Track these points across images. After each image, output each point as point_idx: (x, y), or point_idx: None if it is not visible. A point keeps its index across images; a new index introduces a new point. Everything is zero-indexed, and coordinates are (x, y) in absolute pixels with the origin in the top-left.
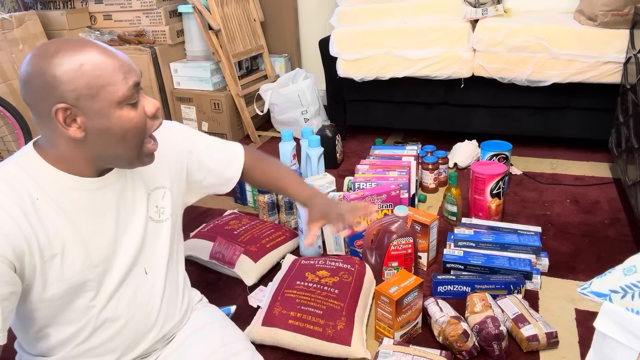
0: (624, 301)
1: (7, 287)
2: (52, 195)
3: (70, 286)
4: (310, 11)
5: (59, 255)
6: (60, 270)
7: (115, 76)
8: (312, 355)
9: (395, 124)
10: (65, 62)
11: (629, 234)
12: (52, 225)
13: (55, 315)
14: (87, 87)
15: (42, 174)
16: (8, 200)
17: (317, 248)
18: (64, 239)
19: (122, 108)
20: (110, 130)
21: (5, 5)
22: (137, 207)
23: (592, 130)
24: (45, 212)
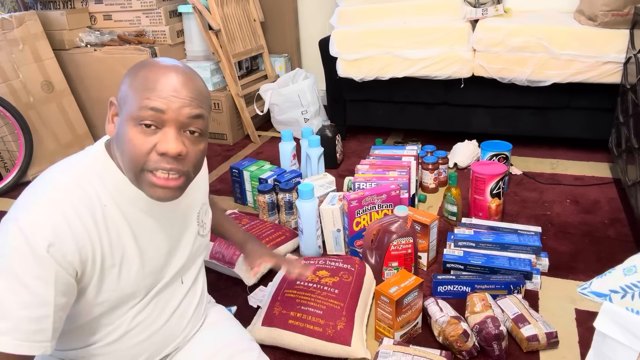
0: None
1: (64, 298)
2: (118, 203)
3: (121, 295)
4: (310, 11)
5: (118, 265)
6: (116, 280)
7: (143, 95)
8: (312, 355)
9: (395, 124)
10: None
11: (629, 234)
12: (116, 234)
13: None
14: (125, 91)
15: (111, 180)
16: (80, 204)
17: (317, 248)
18: (124, 249)
19: (134, 126)
20: (119, 140)
21: (5, 5)
22: (190, 222)
23: (592, 130)
24: (112, 220)
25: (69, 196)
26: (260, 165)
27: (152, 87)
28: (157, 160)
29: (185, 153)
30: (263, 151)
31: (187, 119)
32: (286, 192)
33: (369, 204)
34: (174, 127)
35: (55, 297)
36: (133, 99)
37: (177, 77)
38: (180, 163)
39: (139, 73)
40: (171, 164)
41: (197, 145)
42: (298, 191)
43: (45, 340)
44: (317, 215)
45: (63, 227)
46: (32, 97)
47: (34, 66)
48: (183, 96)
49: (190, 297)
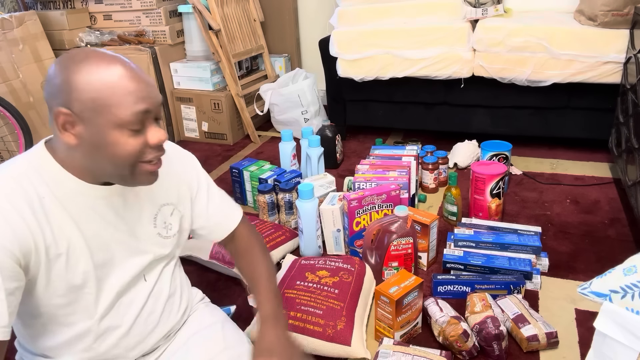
0: (624, 301)
1: (12, 282)
2: (58, 196)
3: (71, 286)
4: (310, 11)
5: (64, 254)
6: (64, 269)
7: (125, 99)
8: (312, 355)
9: (395, 124)
10: (84, 72)
11: (629, 234)
12: (58, 224)
13: (56, 314)
14: (93, 102)
15: (51, 174)
16: (16, 197)
17: (317, 248)
18: (69, 239)
19: (121, 131)
20: (102, 148)
21: (5, 5)
22: (144, 220)
23: (592, 130)
24: (52, 211)
25: (2, 189)
26: (260, 165)
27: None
28: (151, 153)
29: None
30: (263, 151)
31: (159, 107)
32: (286, 192)
33: (369, 204)
34: (153, 119)
35: (4, 281)
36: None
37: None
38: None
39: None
40: (161, 150)
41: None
42: (298, 191)
43: (2, 326)
44: (317, 215)
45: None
46: (32, 97)
47: (34, 66)
48: (151, 87)
49: (161, 295)
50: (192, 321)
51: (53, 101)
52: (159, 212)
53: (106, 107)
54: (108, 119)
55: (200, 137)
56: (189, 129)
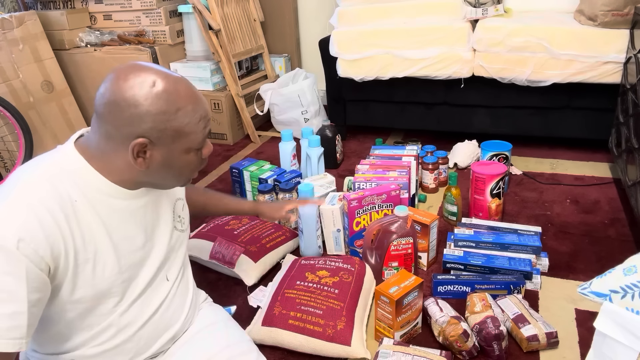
0: (624, 301)
1: (36, 294)
2: (90, 199)
3: (97, 291)
4: (310, 11)
5: (92, 259)
6: (91, 275)
7: (199, 125)
8: (312, 355)
9: (395, 124)
10: (162, 103)
11: (629, 234)
12: (88, 229)
13: (78, 319)
14: (174, 131)
15: (83, 176)
16: (51, 200)
17: (317, 248)
18: (97, 244)
19: (192, 153)
20: (171, 168)
21: (5, 5)
22: (165, 217)
23: (592, 130)
24: (83, 215)
25: (37, 191)
26: (260, 165)
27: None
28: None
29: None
30: (263, 151)
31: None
32: (286, 192)
33: (369, 204)
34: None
35: (28, 293)
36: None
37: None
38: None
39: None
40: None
41: None
42: (298, 191)
43: (20, 337)
44: (317, 215)
45: (32, 222)
46: (32, 97)
47: (34, 66)
48: (207, 105)
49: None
50: (195, 320)
51: (123, 128)
52: (175, 205)
53: (185, 135)
54: (185, 144)
55: None
56: None
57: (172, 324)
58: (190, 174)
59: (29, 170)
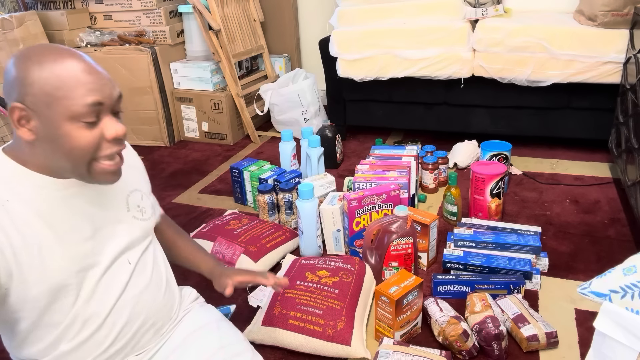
0: (624, 301)
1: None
2: (24, 196)
3: (52, 285)
4: (310, 11)
5: (37, 255)
6: (41, 270)
7: (76, 91)
8: (312, 355)
9: (395, 124)
10: (36, 67)
11: (629, 234)
12: (26, 226)
13: (40, 317)
14: (45, 95)
15: (12, 176)
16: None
17: (317, 248)
18: (40, 239)
19: (74, 124)
20: (57, 142)
21: (5, 5)
22: (117, 207)
23: (592, 130)
24: (18, 214)
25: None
26: (260, 165)
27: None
28: (110, 147)
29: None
30: (263, 151)
31: (116, 100)
32: (286, 192)
33: (369, 204)
34: (109, 113)
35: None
36: (63, 100)
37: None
38: (121, 142)
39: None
40: (119, 145)
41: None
42: (298, 191)
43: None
44: (317, 215)
45: None
46: None
47: None
48: (106, 80)
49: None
50: (187, 321)
51: (9, 98)
52: (129, 196)
53: (57, 99)
54: (60, 111)
55: (200, 137)
56: (189, 129)
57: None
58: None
59: None
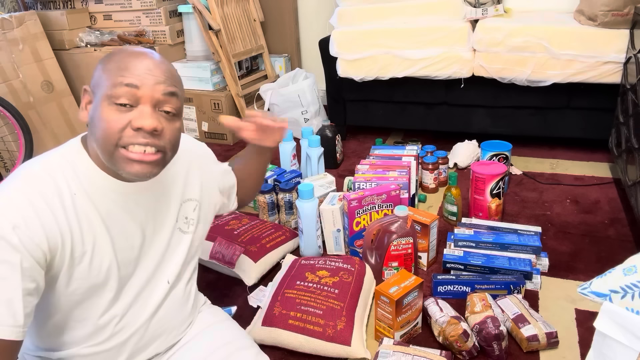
0: (624, 301)
1: (32, 283)
2: (89, 192)
3: (93, 284)
4: (310, 11)
5: (89, 253)
6: (88, 268)
7: (118, 74)
8: (312, 355)
9: (395, 124)
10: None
11: (629, 234)
12: (87, 222)
13: (73, 311)
14: (98, 76)
15: (83, 169)
16: (49, 191)
17: (317, 248)
18: (95, 238)
19: (110, 105)
20: (94, 122)
21: (5, 5)
22: (168, 216)
23: (592, 130)
24: (82, 208)
25: (36, 184)
26: None
27: (126, 67)
28: (132, 136)
29: (161, 129)
30: None
31: (162, 95)
32: (286, 192)
33: (369, 204)
34: (149, 104)
35: (23, 281)
36: (107, 80)
37: (151, 58)
38: (156, 138)
39: (112, 58)
40: (147, 139)
41: (172, 123)
42: (298, 191)
43: (17, 325)
44: (317, 215)
45: (29, 212)
46: (32, 97)
47: (34, 66)
48: (157, 74)
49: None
50: (195, 323)
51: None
52: (181, 207)
53: (104, 79)
54: (102, 90)
55: (200, 137)
56: (189, 129)
57: (167, 330)
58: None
59: (32, 162)
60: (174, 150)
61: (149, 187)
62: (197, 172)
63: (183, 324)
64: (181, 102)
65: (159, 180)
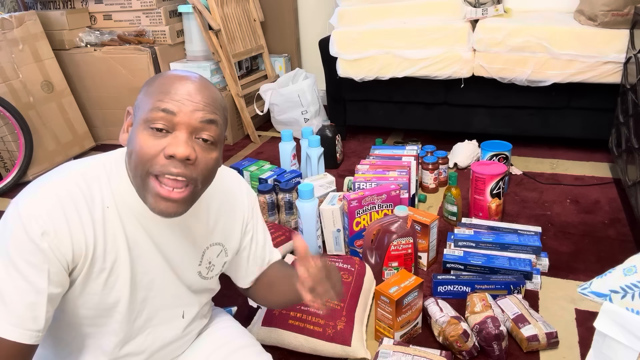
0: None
1: (56, 288)
2: (120, 210)
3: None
4: (310, 11)
5: (107, 270)
6: (102, 285)
7: (156, 98)
8: (312, 355)
9: (395, 124)
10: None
11: (629, 234)
12: (112, 238)
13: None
14: (140, 99)
15: (119, 186)
16: (82, 200)
17: (317, 248)
18: (117, 256)
19: (146, 129)
20: (130, 146)
21: (5, 5)
22: (192, 256)
23: (592, 130)
24: (110, 224)
25: (71, 190)
26: (260, 165)
27: (166, 91)
28: (165, 164)
29: (195, 158)
30: (263, 151)
31: (200, 123)
32: (286, 192)
33: (369, 204)
34: (185, 131)
35: (49, 286)
36: (147, 104)
37: (193, 83)
38: (188, 169)
39: (156, 81)
40: (178, 169)
41: (208, 153)
42: (298, 191)
43: (38, 330)
44: (317, 215)
45: (59, 218)
46: (32, 97)
47: (34, 66)
48: (197, 100)
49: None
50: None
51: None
52: (207, 250)
53: (143, 103)
54: (140, 113)
55: None
56: None
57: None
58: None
59: (74, 165)
60: (206, 182)
61: (180, 220)
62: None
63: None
64: (221, 130)
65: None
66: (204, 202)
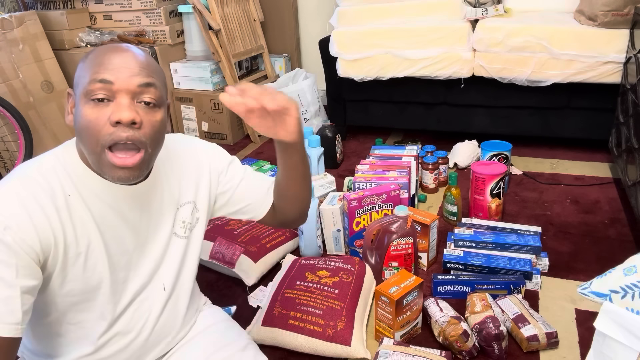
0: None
1: (30, 281)
2: (83, 194)
3: (86, 286)
4: (310, 11)
5: (83, 254)
6: (82, 270)
7: (92, 70)
8: (312, 355)
9: (395, 124)
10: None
11: (629, 234)
12: (80, 223)
13: (67, 314)
14: (77, 76)
15: (77, 171)
16: (42, 193)
17: (317, 248)
18: (90, 239)
19: (87, 102)
20: (77, 122)
21: (5, 5)
22: (164, 220)
23: (592, 130)
24: (75, 210)
25: (28, 185)
26: (260, 165)
27: (100, 63)
28: (113, 132)
29: (140, 121)
30: (263, 151)
31: (138, 87)
32: None
33: (369, 204)
34: (126, 97)
35: (18, 278)
36: (84, 79)
37: (125, 51)
38: (136, 132)
39: (89, 56)
40: (127, 132)
41: (152, 115)
42: None
43: (16, 323)
44: (317, 215)
45: (20, 213)
46: (32, 97)
47: (34, 66)
48: (131, 66)
49: (174, 305)
50: (195, 323)
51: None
52: (178, 210)
53: (82, 77)
54: (80, 89)
55: (200, 137)
56: (189, 129)
57: (169, 335)
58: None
59: (27, 164)
60: (156, 145)
61: (144, 190)
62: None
63: (184, 327)
64: (161, 92)
65: (153, 184)
66: (162, 168)
